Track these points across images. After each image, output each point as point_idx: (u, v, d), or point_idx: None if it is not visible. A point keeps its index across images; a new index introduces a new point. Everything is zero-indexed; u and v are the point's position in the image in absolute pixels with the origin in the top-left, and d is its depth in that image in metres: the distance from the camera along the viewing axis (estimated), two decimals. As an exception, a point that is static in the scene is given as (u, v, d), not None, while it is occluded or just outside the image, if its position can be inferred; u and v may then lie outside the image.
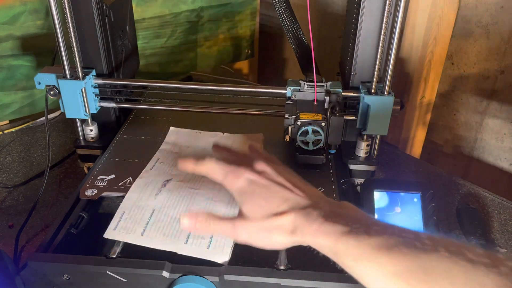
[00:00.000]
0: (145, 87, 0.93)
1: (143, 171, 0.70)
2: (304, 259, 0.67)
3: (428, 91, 1.09)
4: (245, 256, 0.67)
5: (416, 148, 1.16)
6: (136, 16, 0.94)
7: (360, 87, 0.72)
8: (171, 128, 0.82)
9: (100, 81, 0.76)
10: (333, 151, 0.75)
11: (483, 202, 0.82)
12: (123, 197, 0.64)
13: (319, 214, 0.40)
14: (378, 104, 0.69)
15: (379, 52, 0.67)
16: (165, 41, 1.18)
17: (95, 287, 0.55)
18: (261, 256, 0.67)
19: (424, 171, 0.92)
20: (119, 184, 0.67)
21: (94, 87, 0.76)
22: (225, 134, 0.81)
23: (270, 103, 0.78)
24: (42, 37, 0.94)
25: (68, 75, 0.72)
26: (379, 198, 0.62)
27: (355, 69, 0.73)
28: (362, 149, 0.75)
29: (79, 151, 0.79)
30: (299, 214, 0.41)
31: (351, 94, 0.73)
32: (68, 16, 0.68)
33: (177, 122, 0.84)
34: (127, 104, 0.82)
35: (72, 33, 0.70)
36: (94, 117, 0.79)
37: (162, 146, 0.77)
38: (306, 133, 0.68)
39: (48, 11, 0.66)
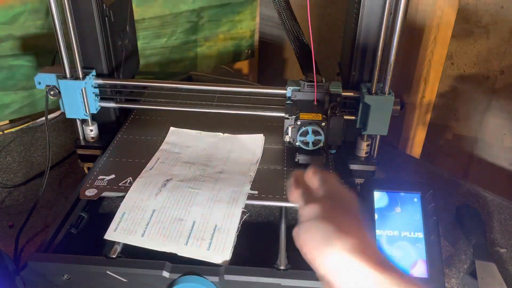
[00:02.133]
0: (145, 87, 0.93)
1: (143, 171, 0.70)
2: (304, 259, 0.68)
3: (428, 91, 1.09)
4: (245, 256, 0.67)
5: (416, 148, 1.16)
6: (136, 16, 0.94)
7: (360, 87, 0.72)
8: (171, 128, 0.82)
9: (100, 81, 0.76)
10: (333, 151, 0.75)
11: (483, 202, 0.82)
12: (123, 197, 0.64)
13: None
14: (378, 104, 0.69)
15: (379, 52, 0.67)
16: (165, 41, 1.18)
17: (95, 287, 0.55)
18: (261, 256, 0.68)
19: (424, 171, 0.92)
20: (119, 184, 0.67)
21: (94, 87, 0.76)
22: (225, 134, 0.81)
23: (270, 103, 0.78)
24: (42, 37, 0.94)
25: (68, 75, 0.72)
26: (379, 198, 0.62)
27: (355, 69, 0.73)
28: (362, 149, 0.75)
29: (79, 151, 0.79)
30: None
31: (351, 94, 0.73)
32: (68, 16, 0.68)
33: (177, 122, 0.84)
34: (127, 104, 0.82)
35: (72, 33, 0.70)
36: (94, 117, 0.79)
37: (162, 146, 0.77)
38: (306, 133, 0.68)
39: (48, 11, 0.66)
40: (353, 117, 0.73)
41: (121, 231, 0.58)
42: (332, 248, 0.37)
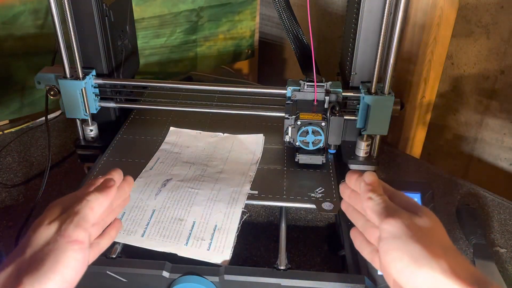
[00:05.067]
0: (145, 87, 0.93)
1: (143, 171, 0.70)
2: (304, 259, 0.68)
3: (428, 91, 1.09)
4: (245, 256, 0.67)
5: (416, 148, 1.16)
6: (135, 15, 0.94)
7: (360, 87, 0.72)
8: (171, 128, 0.82)
9: (100, 81, 0.76)
10: (333, 151, 0.75)
11: (483, 202, 0.82)
12: (123, 197, 0.64)
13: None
14: (378, 104, 0.69)
15: (379, 52, 0.67)
16: (164, 41, 1.18)
17: (95, 287, 0.55)
18: (261, 256, 0.68)
19: (424, 171, 0.92)
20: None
21: (94, 87, 0.76)
22: (225, 134, 0.81)
23: (270, 103, 0.78)
24: (42, 37, 0.94)
25: (68, 75, 0.72)
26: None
27: (355, 69, 0.73)
28: (362, 149, 0.75)
29: (79, 151, 0.79)
30: None
31: (351, 94, 0.73)
32: (68, 16, 0.68)
33: (177, 122, 0.84)
34: (127, 104, 0.82)
35: (72, 33, 0.70)
36: (94, 117, 0.79)
37: (162, 146, 0.77)
38: (306, 133, 0.68)
39: (48, 11, 0.66)
40: (353, 117, 0.73)
41: (121, 231, 0.58)
42: (425, 270, 0.35)
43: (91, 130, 0.79)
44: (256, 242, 0.70)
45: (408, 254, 0.36)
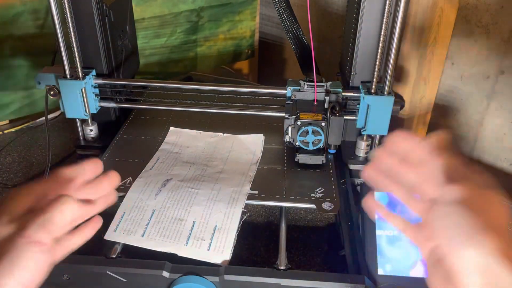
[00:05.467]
0: (145, 87, 0.93)
1: (143, 171, 0.70)
2: (304, 259, 0.68)
3: (428, 91, 1.09)
4: (245, 256, 0.67)
5: (416, 148, 1.16)
6: (135, 15, 0.94)
7: (360, 87, 0.72)
8: (171, 128, 0.82)
9: (100, 81, 0.76)
10: (333, 151, 0.75)
11: (483, 202, 0.82)
12: (123, 197, 0.64)
13: None
14: (378, 104, 0.69)
15: (379, 52, 0.67)
16: (165, 41, 1.18)
17: (95, 287, 0.55)
18: (261, 256, 0.68)
19: (424, 171, 0.92)
20: (119, 184, 0.67)
21: (94, 87, 0.76)
22: (225, 134, 0.81)
23: (270, 103, 0.78)
24: (42, 37, 0.94)
25: (68, 75, 0.72)
26: (379, 198, 0.62)
27: (355, 69, 0.73)
28: (362, 149, 0.75)
29: (79, 151, 0.79)
30: None
31: (351, 94, 0.73)
32: (68, 16, 0.68)
33: (177, 122, 0.84)
34: (127, 104, 0.82)
35: (72, 33, 0.70)
36: (94, 117, 0.79)
37: (162, 146, 0.77)
38: (306, 133, 0.68)
39: (48, 11, 0.66)
40: (353, 117, 0.73)
41: (121, 231, 0.58)
42: (475, 246, 0.33)
43: (91, 130, 0.79)
44: (256, 242, 0.70)
45: (463, 225, 0.34)
